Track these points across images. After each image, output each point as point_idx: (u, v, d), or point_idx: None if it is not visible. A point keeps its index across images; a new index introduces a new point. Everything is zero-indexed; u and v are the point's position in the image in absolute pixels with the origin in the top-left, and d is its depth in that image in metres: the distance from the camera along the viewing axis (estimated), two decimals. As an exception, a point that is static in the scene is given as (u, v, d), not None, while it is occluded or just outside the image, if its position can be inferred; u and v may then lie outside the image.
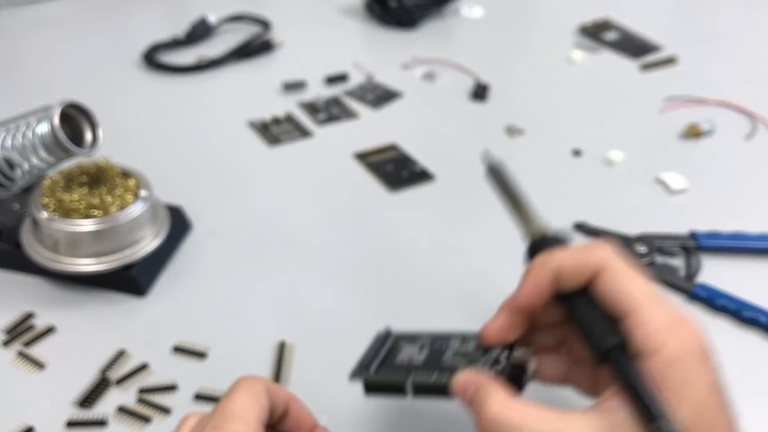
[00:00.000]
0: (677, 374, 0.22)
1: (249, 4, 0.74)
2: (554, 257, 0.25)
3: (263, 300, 0.40)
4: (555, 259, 0.25)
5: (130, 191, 0.40)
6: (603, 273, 0.24)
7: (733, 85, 0.64)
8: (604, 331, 0.24)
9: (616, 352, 0.23)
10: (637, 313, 0.23)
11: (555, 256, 0.25)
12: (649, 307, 0.23)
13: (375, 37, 0.72)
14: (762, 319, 0.39)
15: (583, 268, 0.24)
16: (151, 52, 0.64)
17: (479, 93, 0.61)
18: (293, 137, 0.55)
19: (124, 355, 0.36)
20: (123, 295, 0.40)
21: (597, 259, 0.24)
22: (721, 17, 0.82)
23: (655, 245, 0.44)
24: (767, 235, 0.45)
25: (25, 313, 0.38)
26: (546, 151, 0.55)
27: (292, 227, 0.46)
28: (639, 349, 0.23)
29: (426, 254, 0.44)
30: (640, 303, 0.23)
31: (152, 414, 0.33)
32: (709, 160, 0.55)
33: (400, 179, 0.51)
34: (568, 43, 0.71)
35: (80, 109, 0.38)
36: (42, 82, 0.61)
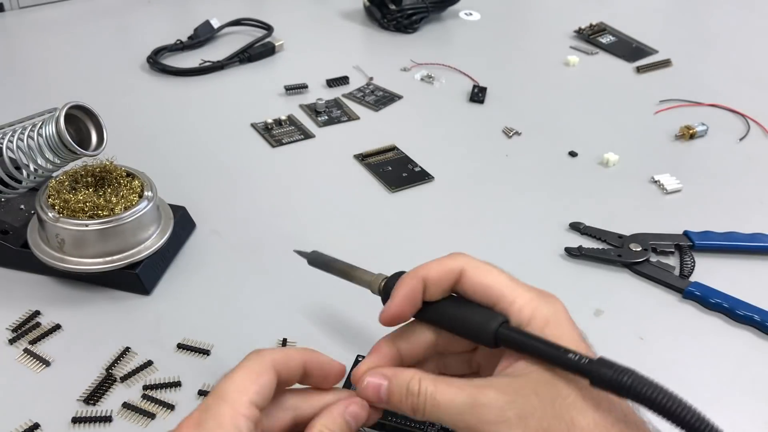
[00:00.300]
0: (554, 330, 0.25)
1: (251, 9, 0.75)
2: (421, 269, 0.28)
3: (266, 298, 0.41)
4: (422, 270, 0.28)
5: (135, 192, 0.40)
6: (465, 273, 0.27)
7: (726, 87, 0.65)
8: (485, 317, 0.26)
9: (504, 326, 0.26)
10: (504, 295, 0.26)
11: (421, 268, 0.28)
12: (512, 288, 0.27)
13: (375, 40, 0.73)
14: (755, 317, 0.40)
15: (447, 273, 0.27)
16: (155, 55, 0.65)
17: (477, 95, 0.62)
18: (295, 139, 0.56)
19: (129, 353, 0.37)
20: (128, 294, 0.40)
21: (457, 263, 0.27)
22: (714, 20, 0.83)
23: (649, 245, 0.45)
24: (759, 235, 0.46)
25: (32, 312, 0.39)
26: (542, 153, 0.56)
27: (294, 227, 0.47)
28: (517, 321, 0.26)
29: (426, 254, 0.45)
30: (504, 287, 0.27)
31: (157, 410, 0.34)
32: (703, 161, 0.56)
33: (400, 179, 0.52)
34: (563, 46, 0.72)
35: (86, 110, 0.39)
36: (47, 84, 0.62)
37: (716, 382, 0.37)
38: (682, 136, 0.58)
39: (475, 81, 0.65)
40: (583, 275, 0.44)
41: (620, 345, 0.39)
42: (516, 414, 0.23)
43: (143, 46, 0.66)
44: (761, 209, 0.50)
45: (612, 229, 0.47)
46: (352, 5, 0.78)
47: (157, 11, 0.76)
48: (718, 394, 0.36)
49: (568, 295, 0.44)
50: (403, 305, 0.27)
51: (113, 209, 0.39)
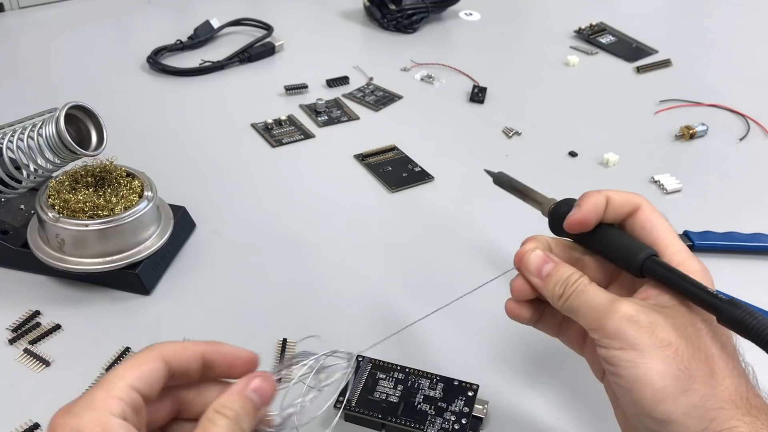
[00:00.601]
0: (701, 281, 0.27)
1: (251, 9, 0.75)
2: (605, 191, 0.30)
3: (265, 298, 0.41)
4: (606, 191, 0.29)
5: (135, 192, 0.40)
6: (641, 210, 0.29)
7: (726, 87, 0.65)
8: (639, 247, 0.28)
9: (652, 259, 0.27)
10: (666, 239, 0.28)
11: (605, 190, 0.30)
12: (675, 239, 0.29)
13: (375, 40, 0.73)
14: (754, 317, 0.40)
15: (627, 201, 0.29)
16: (155, 55, 0.65)
17: (477, 95, 0.62)
18: (295, 139, 0.56)
19: (129, 353, 0.37)
20: (128, 294, 0.40)
21: (638, 199, 0.29)
22: (715, 20, 0.83)
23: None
24: (759, 235, 0.46)
25: (32, 312, 0.39)
26: (542, 153, 0.56)
27: (294, 227, 0.47)
28: (667, 262, 0.28)
29: (426, 254, 0.45)
30: (670, 234, 0.29)
31: (157, 410, 0.34)
32: (703, 161, 0.56)
33: (400, 179, 0.52)
34: (563, 46, 0.72)
35: (86, 110, 0.39)
36: (47, 84, 0.62)
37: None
38: (682, 136, 0.58)
39: (475, 81, 0.65)
40: (583, 275, 0.44)
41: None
42: (648, 321, 0.25)
43: (143, 46, 0.66)
44: (761, 209, 0.50)
45: (612, 229, 0.47)
46: (352, 5, 0.78)
47: (157, 11, 0.76)
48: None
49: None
50: (589, 212, 0.29)
51: (113, 209, 0.39)
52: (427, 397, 0.33)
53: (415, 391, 0.34)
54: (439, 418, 0.32)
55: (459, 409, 0.33)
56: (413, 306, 0.41)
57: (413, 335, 0.38)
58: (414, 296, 0.42)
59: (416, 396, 0.33)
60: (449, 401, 0.33)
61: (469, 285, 0.35)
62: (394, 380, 0.34)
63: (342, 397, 0.33)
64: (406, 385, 0.34)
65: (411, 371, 0.35)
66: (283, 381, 0.26)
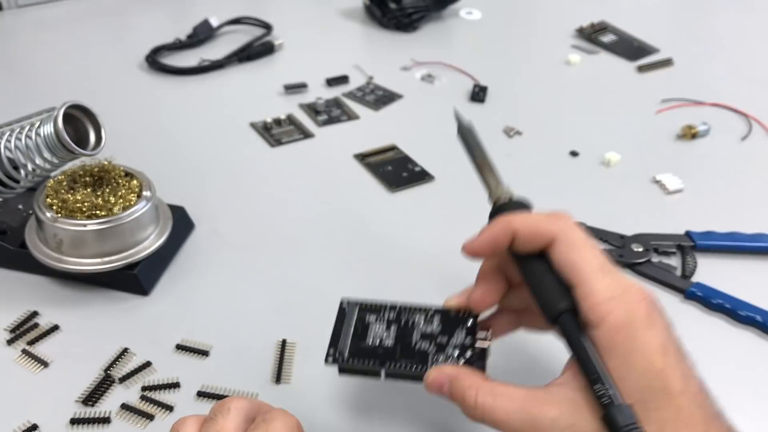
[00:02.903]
0: (623, 342, 0.23)
1: (250, 8, 0.75)
2: (514, 219, 0.27)
3: (265, 298, 0.41)
4: (514, 221, 0.27)
5: (134, 192, 0.40)
6: (556, 242, 0.26)
7: (728, 86, 0.65)
8: (555, 295, 0.25)
9: (566, 315, 0.25)
10: (583, 284, 0.25)
11: (515, 218, 0.27)
12: (595, 278, 0.25)
13: (375, 39, 0.73)
14: (757, 317, 0.40)
15: (538, 234, 0.26)
16: (154, 54, 0.65)
17: (478, 94, 0.62)
18: (294, 138, 0.56)
19: (128, 354, 0.37)
20: (126, 294, 0.40)
21: (552, 228, 0.26)
22: (717, 19, 0.82)
23: (651, 245, 0.45)
24: (762, 235, 0.46)
25: (30, 312, 0.39)
26: (544, 152, 0.56)
27: (294, 227, 0.46)
28: (586, 319, 0.25)
29: (426, 254, 0.45)
30: (586, 275, 0.25)
31: (155, 411, 0.34)
32: (705, 160, 0.55)
33: (400, 179, 0.51)
34: (565, 45, 0.72)
35: (84, 110, 0.39)
36: (46, 84, 0.62)
37: (718, 383, 0.36)
38: (684, 135, 0.57)
39: (475, 80, 0.64)
40: (584, 276, 0.43)
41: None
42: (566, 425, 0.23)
43: (142, 45, 0.66)
44: (764, 209, 0.50)
45: (613, 229, 0.46)
46: (352, 4, 0.78)
47: (156, 10, 0.76)
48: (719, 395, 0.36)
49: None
50: (484, 248, 0.27)
51: (111, 209, 0.39)
52: (424, 334, 0.30)
53: (410, 329, 0.31)
54: (441, 354, 0.29)
55: (461, 341, 0.29)
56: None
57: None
58: (414, 296, 0.41)
59: (413, 335, 0.30)
60: (449, 334, 0.30)
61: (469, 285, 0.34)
62: (386, 321, 0.31)
63: (332, 348, 0.30)
64: (399, 325, 0.31)
65: (403, 308, 0.31)
66: None
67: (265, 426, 0.24)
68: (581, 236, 0.26)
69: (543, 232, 0.26)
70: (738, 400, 0.36)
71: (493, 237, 0.27)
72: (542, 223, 0.26)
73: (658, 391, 0.23)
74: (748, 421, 0.34)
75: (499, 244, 0.27)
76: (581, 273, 0.25)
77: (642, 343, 0.24)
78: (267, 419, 0.25)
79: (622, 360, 0.23)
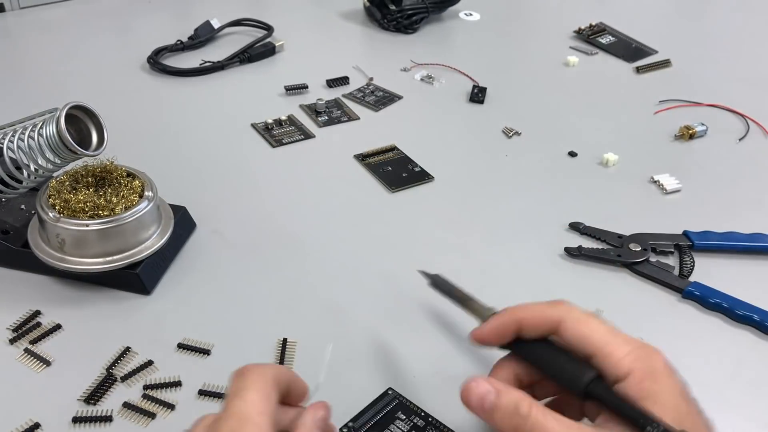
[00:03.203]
0: (652, 387, 0.25)
1: (252, 9, 0.75)
2: (520, 309, 0.29)
3: (266, 298, 0.41)
4: (519, 311, 0.29)
5: (136, 192, 0.40)
6: (564, 323, 0.28)
7: (726, 87, 0.65)
8: (578, 369, 0.27)
9: (595, 382, 0.26)
10: (602, 348, 0.27)
11: (521, 308, 0.29)
12: (610, 341, 0.27)
13: (375, 40, 0.73)
14: (754, 316, 0.40)
15: (544, 321, 0.28)
16: (155, 55, 0.65)
17: (477, 95, 0.62)
18: (295, 139, 0.56)
19: (130, 352, 0.37)
20: (128, 294, 0.40)
21: (557, 312, 0.28)
22: (714, 21, 0.83)
23: (649, 244, 0.45)
24: (759, 235, 0.46)
25: (32, 311, 0.39)
26: (542, 153, 0.56)
27: (294, 227, 0.47)
28: (614, 376, 0.26)
29: (425, 254, 0.45)
30: (602, 340, 0.27)
31: (157, 410, 0.34)
32: (702, 161, 0.56)
33: (400, 179, 0.52)
34: (563, 46, 0.72)
35: (86, 110, 0.39)
36: (48, 84, 0.62)
37: (716, 381, 0.37)
38: (682, 136, 0.58)
39: (474, 81, 0.65)
40: (582, 275, 0.44)
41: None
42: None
43: (144, 46, 0.66)
44: (761, 209, 0.50)
45: (612, 229, 0.47)
46: (352, 5, 0.78)
47: (158, 11, 0.76)
48: (717, 394, 0.36)
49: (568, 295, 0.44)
50: (491, 337, 0.29)
51: (114, 209, 0.39)
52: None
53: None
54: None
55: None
56: (413, 306, 0.41)
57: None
58: (414, 296, 0.42)
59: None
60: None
61: (469, 286, 0.35)
62: (411, 425, 0.32)
63: (353, 423, 0.32)
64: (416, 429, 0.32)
65: (432, 421, 0.32)
66: None
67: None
68: (585, 313, 0.28)
69: (549, 317, 0.28)
70: (735, 398, 0.36)
71: (500, 326, 0.29)
72: (547, 309, 0.28)
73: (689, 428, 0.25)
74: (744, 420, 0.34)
75: (505, 332, 0.29)
76: (596, 341, 0.27)
77: (668, 387, 0.26)
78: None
79: (653, 401, 0.25)
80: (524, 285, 0.42)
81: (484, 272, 0.43)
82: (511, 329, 0.29)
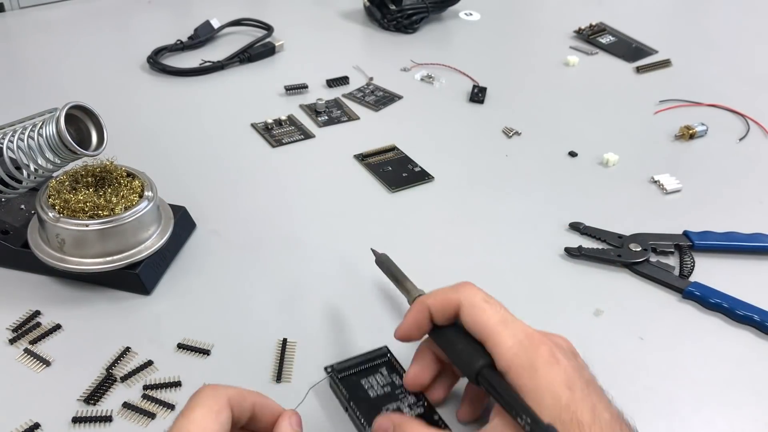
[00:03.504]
0: (529, 381, 0.27)
1: (252, 9, 0.75)
2: (427, 297, 0.31)
3: (266, 298, 0.41)
4: (427, 299, 0.31)
5: (135, 192, 0.40)
6: (462, 308, 0.29)
7: (726, 87, 0.65)
8: (471, 355, 0.28)
9: (486, 370, 0.28)
10: (491, 337, 0.28)
11: (427, 297, 0.31)
12: (499, 331, 0.28)
13: (375, 40, 0.73)
14: (754, 317, 0.40)
15: (447, 305, 0.30)
16: (155, 55, 0.65)
17: (477, 95, 0.62)
18: (295, 139, 0.56)
19: (129, 353, 0.37)
20: (128, 294, 0.40)
21: (456, 296, 0.30)
22: (714, 20, 0.83)
23: (649, 245, 0.45)
24: (759, 235, 0.46)
25: (32, 312, 0.39)
26: (542, 153, 0.56)
27: (294, 227, 0.47)
28: (499, 368, 0.28)
29: (425, 254, 0.45)
30: (491, 329, 0.28)
31: (157, 410, 0.34)
32: (702, 161, 0.56)
33: (400, 179, 0.52)
34: (563, 46, 0.72)
35: (86, 110, 0.39)
36: (48, 84, 0.62)
37: (716, 381, 0.37)
38: (682, 136, 0.58)
39: (475, 81, 0.65)
40: (582, 275, 0.44)
41: (620, 345, 0.39)
42: None
43: (143, 46, 0.66)
44: (761, 209, 0.50)
45: (612, 229, 0.47)
46: (352, 5, 0.78)
47: (158, 11, 0.76)
48: (717, 393, 0.36)
49: (568, 294, 0.45)
50: (411, 330, 0.31)
51: (113, 209, 0.39)
52: (399, 410, 0.33)
53: (396, 399, 0.33)
54: (396, 403, 0.32)
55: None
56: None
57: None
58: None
59: (393, 404, 0.33)
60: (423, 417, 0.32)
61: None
62: (389, 382, 0.34)
63: (337, 365, 0.34)
64: (393, 392, 0.34)
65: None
66: None
67: None
68: (482, 297, 0.29)
69: (449, 301, 0.30)
70: (735, 398, 0.36)
71: (414, 318, 0.31)
72: (448, 293, 0.30)
73: (567, 423, 0.25)
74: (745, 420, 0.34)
75: (421, 322, 0.31)
76: (486, 328, 0.28)
77: (546, 381, 0.26)
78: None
79: (531, 397, 0.26)
80: (524, 285, 0.42)
81: (484, 272, 0.43)
82: (426, 318, 0.30)
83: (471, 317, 0.29)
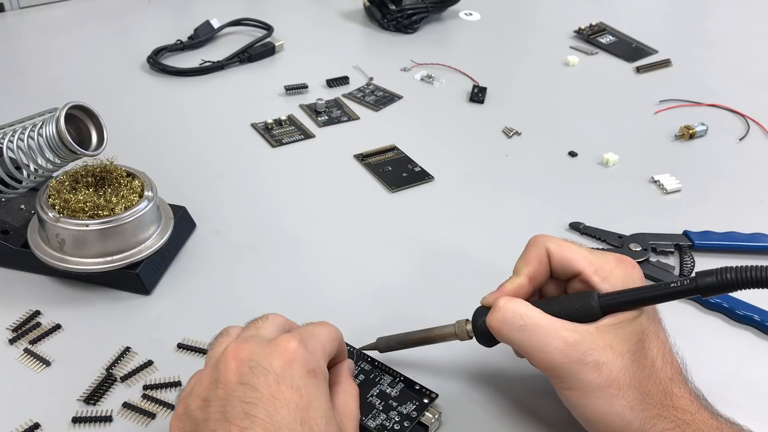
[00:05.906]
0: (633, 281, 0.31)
1: (252, 9, 0.75)
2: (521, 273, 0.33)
3: (266, 298, 0.41)
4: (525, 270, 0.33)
5: (135, 192, 0.40)
6: (549, 253, 0.33)
7: (726, 87, 0.65)
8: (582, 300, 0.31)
9: (601, 299, 0.30)
10: (587, 267, 0.32)
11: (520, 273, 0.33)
12: (593, 258, 0.32)
13: (375, 40, 0.73)
14: (755, 317, 0.40)
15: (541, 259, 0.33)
16: (155, 55, 0.65)
17: (477, 95, 0.62)
18: (295, 139, 0.56)
19: (129, 353, 0.37)
20: (128, 294, 0.40)
21: (542, 247, 0.33)
22: (714, 20, 0.83)
23: (649, 244, 0.45)
24: (758, 235, 0.46)
25: (32, 312, 0.39)
26: (542, 153, 0.56)
27: (294, 227, 0.47)
28: (598, 286, 0.31)
29: (425, 254, 0.45)
30: (580, 261, 0.32)
31: (157, 410, 0.34)
32: (702, 161, 0.56)
33: (400, 179, 0.52)
34: (563, 46, 0.72)
35: (86, 110, 0.39)
36: (48, 84, 0.62)
37: (716, 382, 0.37)
38: (682, 136, 0.58)
39: (475, 81, 0.65)
40: (582, 275, 0.44)
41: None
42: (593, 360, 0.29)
43: (143, 46, 0.66)
44: (761, 209, 0.50)
45: (612, 229, 0.47)
46: (352, 5, 0.78)
47: (157, 11, 0.76)
48: (717, 394, 0.36)
49: (568, 294, 0.44)
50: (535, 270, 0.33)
51: (113, 209, 0.39)
52: (381, 393, 0.34)
53: (373, 383, 0.34)
54: (383, 414, 0.32)
55: (407, 411, 0.33)
56: (412, 306, 0.41)
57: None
58: (413, 296, 0.42)
59: (373, 389, 0.34)
60: (401, 402, 0.33)
61: (469, 286, 0.35)
62: (359, 369, 0.35)
63: None
64: (368, 377, 0.34)
65: (378, 365, 0.35)
66: None
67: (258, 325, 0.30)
68: (561, 240, 0.33)
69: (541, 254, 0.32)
70: (735, 398, 0.36)
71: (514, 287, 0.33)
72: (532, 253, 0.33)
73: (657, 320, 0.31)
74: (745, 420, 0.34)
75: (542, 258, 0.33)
76: (577, 262, 0.32)
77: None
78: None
79: None
80: (524, 285, 0.42)
81: (484, 272, 0.43)
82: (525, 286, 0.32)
83: (561, 255, 0.32)
